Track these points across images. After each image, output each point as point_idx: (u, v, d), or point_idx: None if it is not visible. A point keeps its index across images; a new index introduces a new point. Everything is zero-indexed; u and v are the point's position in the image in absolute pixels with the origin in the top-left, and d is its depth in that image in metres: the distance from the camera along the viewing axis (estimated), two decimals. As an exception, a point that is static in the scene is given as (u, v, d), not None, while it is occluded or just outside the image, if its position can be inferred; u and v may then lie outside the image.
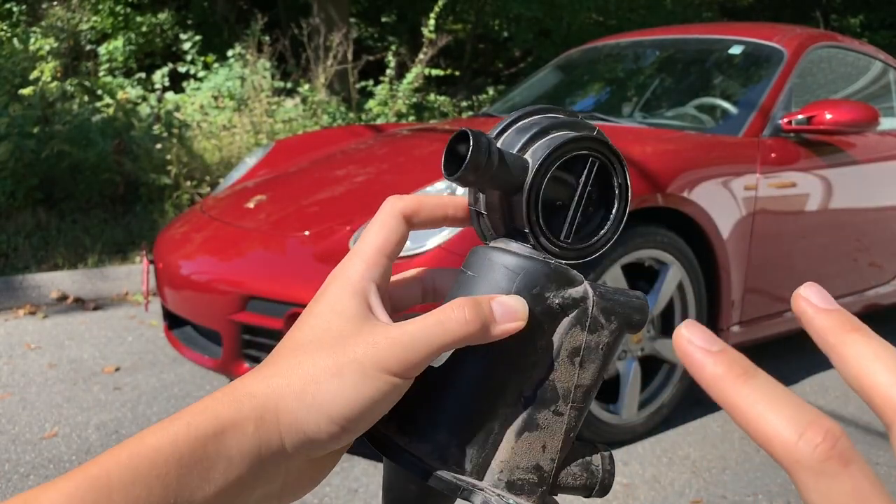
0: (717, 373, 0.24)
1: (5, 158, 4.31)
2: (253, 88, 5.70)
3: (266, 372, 0.31)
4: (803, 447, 0.21)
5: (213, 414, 0.30)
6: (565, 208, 0.35)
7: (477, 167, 0.31)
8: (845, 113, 2.62)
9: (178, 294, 2.33)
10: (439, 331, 0.31)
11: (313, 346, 0.32)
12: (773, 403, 0.22)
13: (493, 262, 0.34)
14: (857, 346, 0.23)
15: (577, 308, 0.34)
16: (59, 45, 6.96)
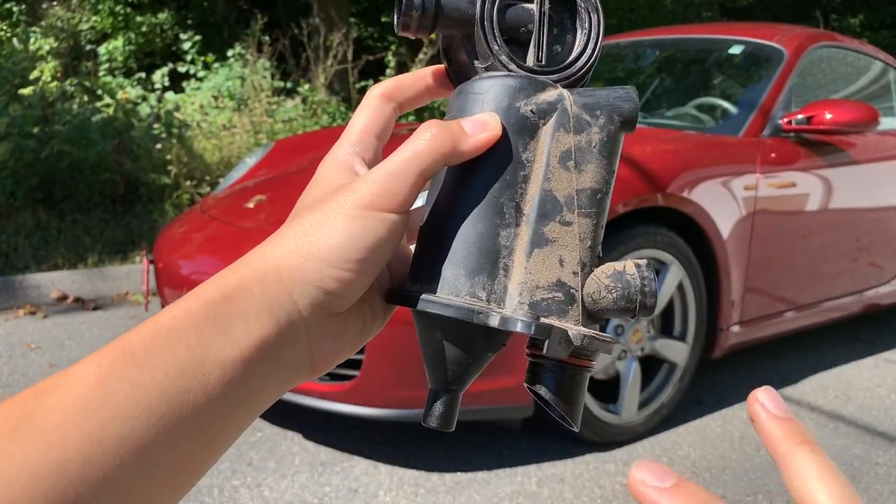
0: (780, 435, 0.26)
1: (5, 158, 4.31)
2: (253, 88, 5.70)
3: (263, 245, 0.33)
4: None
5: (218, 283, 0.31)
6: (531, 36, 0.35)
7: (414, 9, 0.33)
8: (845, 113, 2.62)
9: (179, 294, 2.32)
10: (412, 156, 0.32)
11: (303, 211, 0.33)
12: (823, 480, 0.24)
13: (461, 94, 0.34)
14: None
15: (555, 111, 0.33)
16: (59, 45, 6.96)
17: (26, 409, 0.27)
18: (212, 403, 0.30)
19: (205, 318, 0.30)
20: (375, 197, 0.31)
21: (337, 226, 0.31)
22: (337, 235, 0.31)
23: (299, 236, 0.32)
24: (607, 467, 2.16)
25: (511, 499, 1.98)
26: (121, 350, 0.29)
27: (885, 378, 2.93)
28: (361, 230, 0.31)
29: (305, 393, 2.03)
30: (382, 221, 0.31)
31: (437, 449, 2.22)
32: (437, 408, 0.34)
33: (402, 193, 0.32)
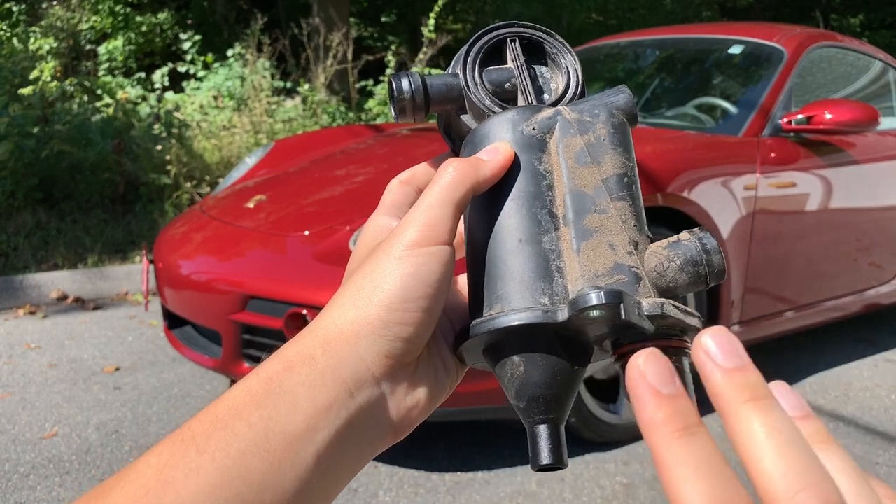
0: (656, 419, 0.22)
1: (5, 158, 4.31)
2: (253, 88, 5.69)
3: (321, 314, 0.33)
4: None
5: (280, 357, 0.31)
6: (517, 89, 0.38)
7: (406, 100, 0.36)
8: (845, 113, 2.62)
9: (178, 294, 2.32)
10: (442, 190, 0.33)
11: (352, 274, 0.34)
12: (697, 472, 0.21)
13: (468, 143, 0.37)
14: (751, 422, 0.21)
15: (556, 124, 0.35)
16: (59, 45, 6.96)
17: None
18: (280, 481, 0.28)
19: (266, 393, 0.29)
20: (419, 235, 0.32)
21: (389, 271, 0.31)
22: (391, 279, 0.31)
23: (354, 293, 0.32)
24: (607, 467, 2.16)
25: (511, 499, 1.98)
26: (181, 437, 0.28)
27: (885, 378, 2.93)
28: (414, 268, 0.31)
29: (305, 393, 2.03)
30: (432, 255, 0.32)
31: (437, 449, 2.23)
32: (543, 444, 0.32)
33: (443, 225, 0.32)
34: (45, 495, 1.97)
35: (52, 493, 1.98)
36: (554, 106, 0.36)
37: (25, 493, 1.98)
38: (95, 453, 2.18)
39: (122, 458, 2.16)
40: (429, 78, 0.37)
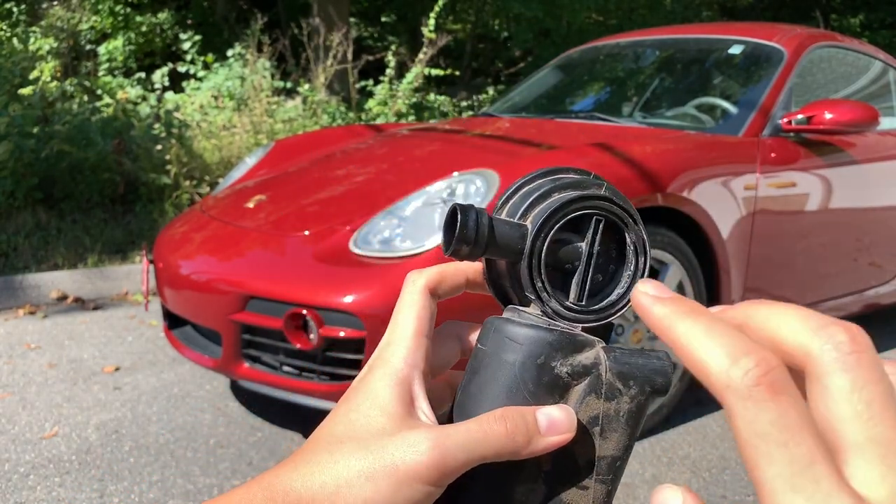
0: (663, 312, 0.24)
1: (5, 158, 4.31)
2: (253, 88, 5.69)
3: (303, 469, 0.31)
4: (735, 372, 0.21)
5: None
6: (576, 271, 0.34)
7: (467, 242, 0.32)
8: (845, 113, 2.62)
9: (178, 294, 2.32)
10: (481, 442, 0.30)
11: (351, 443, 0.31)
12: (712, 335, 0.22)
13: (499, 333, 0.33)
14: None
15: (589, 375, 0.32)
16: (59, 45, 6.96)
17: None
18: None
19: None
20: (432, 470, 0.30)
21: (382, 486, 0.30)
22: (378, 496, 0.29)
23: (342, 484, 0.30)
24: (607, 467, 2.16)
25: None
26: None
27: (884, 378, 2.93)
28: (404, 499, 0.30)
29: (305, 393, 2.03)
30: (425, 494, 0.30)
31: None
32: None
33: (456, 473, 0.30)
34: (45, 495, 1.97)
35: (52, 493, 1.98)
36: (600, 314, 0.34)
37: (25, 493, 1.98)
38: (95, 453, 2.18)
39: (122, 458, 2.16)
40: (496, 221, 0.33)
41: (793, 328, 0.22)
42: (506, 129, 3.09)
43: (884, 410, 0.21)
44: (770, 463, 0.20)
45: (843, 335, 0.21)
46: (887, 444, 0.20)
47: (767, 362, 0.21)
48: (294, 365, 2.07)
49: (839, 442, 0.21)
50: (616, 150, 2.27)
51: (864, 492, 0.20)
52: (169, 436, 2.29)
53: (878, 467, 0.20)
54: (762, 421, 0.21)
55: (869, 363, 0.21)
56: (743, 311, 0.24)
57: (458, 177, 2.22)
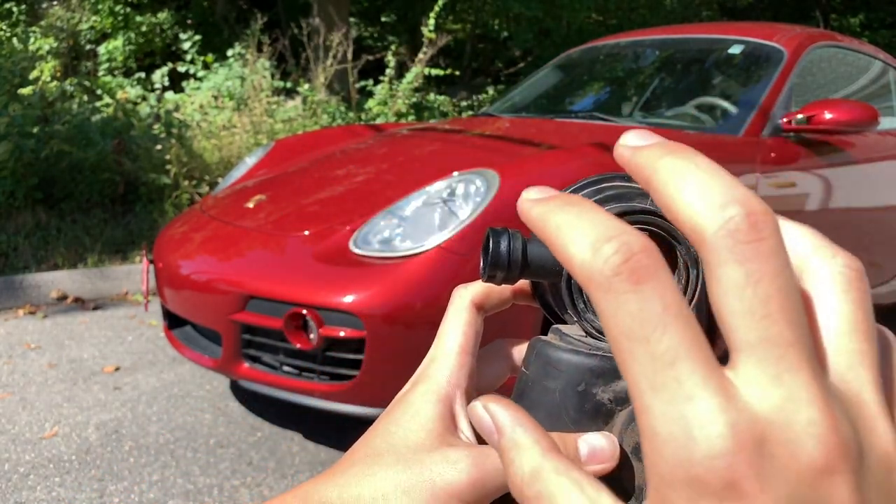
0: (537, 213, 0.22)
1: (5, 158, 4.31)
2: (253, 88, 5.69)
3: (339, 479, 0.30)
4: (595, 262, 0.19)
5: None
6: None
7: (500, 268, 0.31)
8: (845, 112, 2.62)
9: (178, 294, 2.33)
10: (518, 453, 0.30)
11: (390, 456, 0.30)
12: (579, 222, 0.20)
13: (540, 358, 0.32)
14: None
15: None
16: (59, 45, 6.96)
17: None
18: None
19: None
20: (469, 487, 0.29)
21: (418, 501, 0.29)
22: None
23: (378, 497, 0.29)
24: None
25: (511, 499, 1.98)
26: None
27: (884, 378, 2.93)
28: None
29: (305, 393, 2.03)
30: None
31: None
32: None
33: (491, 495, 0.30)
34: (45, 495, 1.97)
35: (52, 493, 1.98)
36: None
37: (25, 493, 1.98)
38: (95, 453, 2.18)
39: (122, 458, 2.16)
40: (531, 244, 0.32)
41: (690, 200, 0.19)
42: (506, 129, 3.09)
43: (784, 308, 0.18)
44: (633, 361, 0.18)
45: (741, 219, 0.18)
46: (785, 346, 0.18)
47: (629, 247, 0.19)
48: (294, 365, 2.07)
49: (731, 339, 0.19)
50: (616, 150, 2.26)
51: (753, 396, 0.18)
52: (169, 436, 2.29)
53: (771, 369, 0.18)
54: (623, 314, 0.18)
55: (769, 252, 0.18)
56: (651, 162, 0.20)
57: (458, 177, 2.22)
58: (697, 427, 0.17)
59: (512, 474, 0.23)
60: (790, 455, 0.17)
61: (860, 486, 0.18)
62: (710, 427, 0.17)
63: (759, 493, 0.17)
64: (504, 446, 0.24)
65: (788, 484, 0.17)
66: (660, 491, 0.18)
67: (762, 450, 0.17)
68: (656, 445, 0.18)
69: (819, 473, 0.17)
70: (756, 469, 0.17)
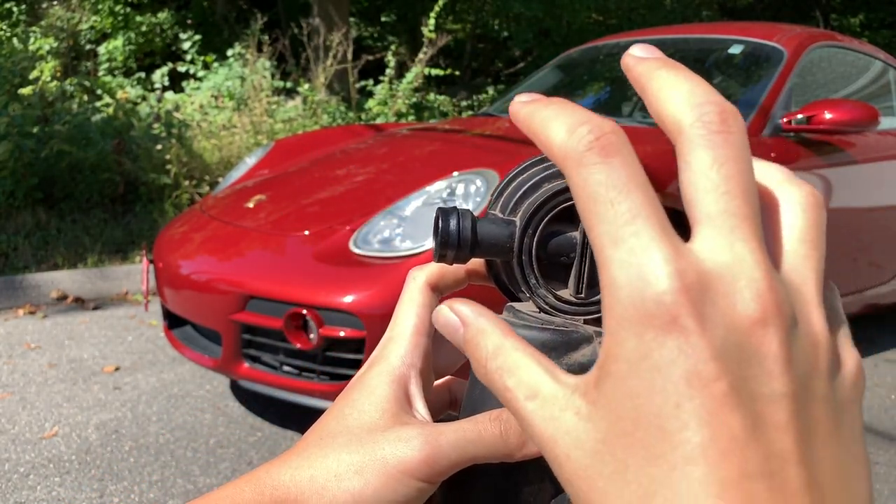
0: (526, 111, 0.24)
1: (5, 158, 4.31)
2: (253, 88, 5.69)
3: (292, 462, 0.31)
4: (570, 141, 0.22)
5: (232, 499, 0.29)
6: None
7: (450, 247, 0.31)
8: (845, 112, 2.62)
9: (178, 294, 2.33)
10: (475, 442, 0.30)
11: (343, 437, 0.31)
12: (558, 114, 0.23)
13: None
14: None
15: (590, 367, 0.31)
16: (59, 45, 6.96)
17: None
18: None
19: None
20: (422, 464, 0.29)
21: (371, 479, 0.29)
22: (367, 490, 0.29)
23: (330, 477, 0.29)
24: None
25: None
26: None
27: (885, 378, 2.93)
28: (392, 494, 0.29)
29: (305, 393, 2.03)
30: (417, 490, 0.30)
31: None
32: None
33: (448, 471, 0.30)
34: (45, 495, 1.97)
35: (52, 493, 1.98)
36: (601, 308, 0.33)
37: (25, 493, 1.98)
38: (95, 453, 2.18)
39: (122, 457, 2.16)
40: (481, 222, 0.32)
41: (674, 100, 0.22)
42: (506, 129, 3.09)
43: (742, 188, 0.21)
44: (598, 221, 0.21)
45: (714, 114, 0.21)
46: (741, 217, 0.20)
47: (601, 128, 0.21)
48: (294, 365, 2.07)
49: (694, 213, 0.21)
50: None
51: (703, 253, 0.20)
52: (169, 436, 2.29)
53: (725, 236, 0.20)
54: (592, 182, 0.21)
55: (736, 143, 0.21)
56: (648, 70, 0.24)
57: (458, 177, 2.22)
58: (650, 271, 0.20)
59: (476, 356, 0.25)
60: (730, 304, 0.20)
61: (789, 343, 0.20)
62: (661, 270, 0.20)
63: (699, 331, 0.19)
64: (468, 336, 0.26)
65: (725, 328, 0.19)
66: (614, 334, 0.20)
67: (705, 296, 0.20)
68: (614, 291, 0.20)
69: (753, 323, 0.20)
70: (698, 310, 0.19)
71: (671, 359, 0.19)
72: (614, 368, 0.21)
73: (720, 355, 0.19)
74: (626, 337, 0.20)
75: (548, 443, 0.22)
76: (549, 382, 0.23)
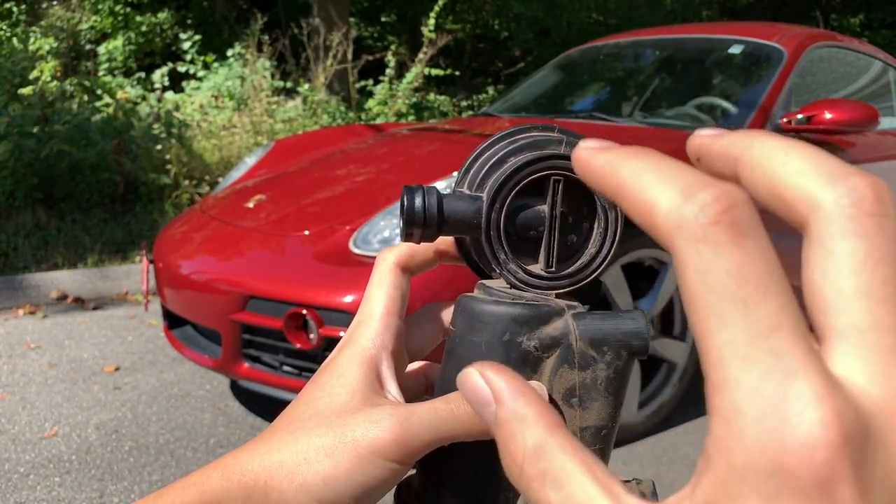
0: (606, 159, 0.20)
1: (5, 158, 4.31)
2: (253, 88, 5.70)
3: (261, 447, 0.30)
4: (688, 209, 0.17)
5: (200, 490, 0.29)
6: None
7: (416, 225, 0.31)
8: (845, 112, 2.62)
9: (178, 294, 2.33)
10: (448, 420, 0.29)
11: (313, 420, 0.30)
12: (663, 170, 0.18)
13: (464, 313, 0.32)
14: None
15: (559, 346, 0.30)
16: (59, 45, 6.96)
17: None
18: None
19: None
20: (393, 445, 0.28)
21: (342, 462, 0.28)
22: (338, 475, 0.28)
23: (300, 461, 0.29)
24: (609, 467, 2.16)
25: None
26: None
27: (885, 378, 2.93)
28: (364, 476, 0.28)
29: (305, 393, 2.03)
30: (390, 472, 0.29)
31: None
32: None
33: (420, 452, 0.29)
34: (45, 495, 1.97)
35: (52, 493, 1.98)
36: (573, 277, 0.32)
37: (25, 493, 1.98)
38: (95, 453, 2.18)
39: (122, 457, 2.16)
40: (447, 199, 0.31)
41: (800, 169, 0.17)
42: (506, 129, 3.09)
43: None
44: (722, 326, 0.16)
45: (867, 189, 0.16)
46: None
47: (731, 196, 0.16)
48: (294, 365, 2.07)
49: (832, 322, 0.16)
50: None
51: (859, 386, 0.15)
52: (169, 436, 2.29)
53: (883, 363, 0.15)
54: (717, 270, 0.16)
55: (894, 232, 0.16)
56: (742, 141, 0.19)
57: (458, 177, 2.22)
58: (796, 409, 0.15)
59: (511, 450, 0.21)
60: (893, 461, 0.15)
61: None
62: (813, 411, 0.15)
63: (855, 501, 0.14)
64: (503, 418, 0.21)
65: (891, 495, 0.15)
66: (725, 483, 0.16)
67: (865, 450, 0.15)
68: (737, 425, 0.16)
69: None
70: (857, 473, 0.14)
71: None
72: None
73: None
74: (745, 494, 0.15)
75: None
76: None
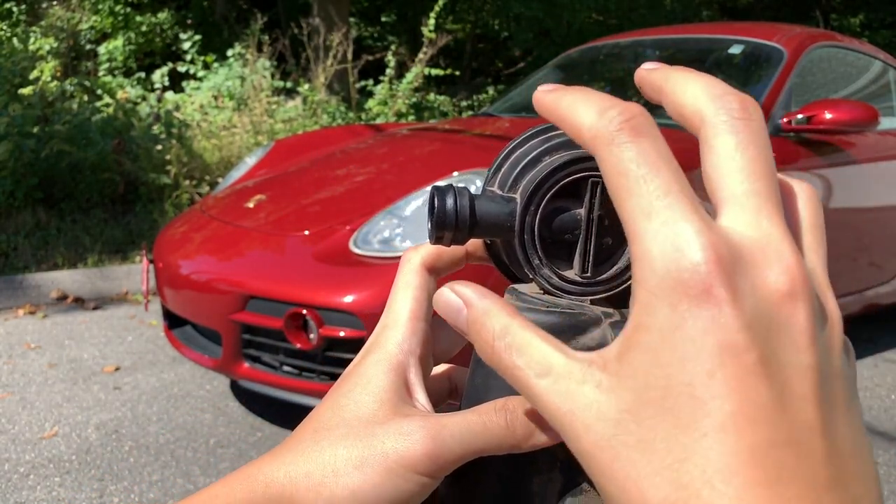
0: (551, 97, 0.25)
1: (5, 158, 4.31)
2: (253, 88, 5.70)
3: (285, 457, 0.29)
4: (601, 122, 0.23)
5: (224, 502, 0.28)
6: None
7: (447, 228, 0.29)
8: (845, 112, 2.62)
9: (178, 294, 2.33)
10: (480, 434, 0.28)
11: (339, 430, 0.29)
12: (586, 99, 0.24)
13: None
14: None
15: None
16: (59, 45, 6.96)
17: None
18: None
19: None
20: (425, 459, 0.28)
21: (371, 475, 0.28)
22: (366, 486, 0.28)
23: (327, 473, 0.28)
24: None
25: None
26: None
27: (885, 378, 2.93)
28: (394, 490, 0.28)
29: (305, 393, 2.03)
30: (420, 486, 0.28)
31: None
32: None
33: (449, 466, 0.28)
34: (45, 495, 1.97)
35: (52, 493, 1.98)
36: (608, 284, 0.31)
37: (25, 493, 1.98)
38: (95, 453, 2.18)
39: (122, 457, 2.16)
40: (479, 200, 0.30)
41: (695, 94, 0.23)
42: (506, 128, 3.09)
43: (765, 170, 0.22)
44: (630, 195, 0.21)
45: (735, 102, 0.23)
46: (765, 198, 0.21)
47: (630, 110, 0.23)
48: (294, 365, 2.07)
49: (719, 195, 0.22)
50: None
51: (732, 229, 0.21)
52: (169, 436, 2.29)
53: (754, 215, 0.21)
54: (624, 159, 0.22)
55: (756, 129, 0.22)
56: (662, 74, 0.25)
57: (458, 177, 2.22)
58: (685, 242, 0.20)
59: (483, 336, 0.25)
60: (760, 277, 0.20)
61: (814, 317, 0.21)
62: (696, 241, 0.20)
63: (731, 302, 0.20)
64: (472, 317, 0.25)
65: (756, 300, 0.20)
66: (646, 304, 0.21)
67: (736, 268, 0.20)
68: (647, 262, 0.21)
69: (783, 296, 0.20)
70: (729, 282, 0.20)
71: (704, 328, 0.20)
72: (645, 339, 0.21)
73: (751, 326, 0.20)
74: (659, 307, 0.21)
75: (564, 417, 0.22)
76: (561, 358, 0.23)
